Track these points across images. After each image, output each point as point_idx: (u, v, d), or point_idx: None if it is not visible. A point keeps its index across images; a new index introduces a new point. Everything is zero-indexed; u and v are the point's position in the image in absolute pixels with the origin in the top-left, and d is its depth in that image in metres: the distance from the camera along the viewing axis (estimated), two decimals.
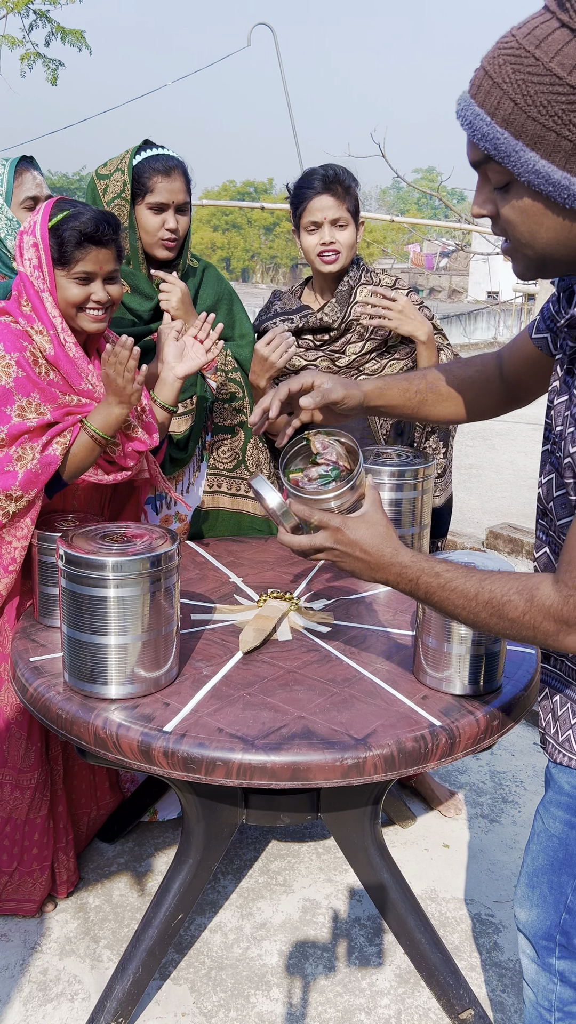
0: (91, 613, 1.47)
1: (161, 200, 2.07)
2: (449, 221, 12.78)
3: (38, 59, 10.67)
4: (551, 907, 1.27)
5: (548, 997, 1.32)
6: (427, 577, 1.19)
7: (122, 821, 2.30)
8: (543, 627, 1.07)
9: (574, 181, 0.94)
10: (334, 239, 2.15)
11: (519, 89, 0.93)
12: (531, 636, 1.09)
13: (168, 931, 1.70)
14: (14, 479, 1.69)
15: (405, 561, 1.22)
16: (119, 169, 2.08)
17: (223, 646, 1.71)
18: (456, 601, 1.15)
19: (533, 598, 1.08)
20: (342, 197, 2.13)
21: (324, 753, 1.36)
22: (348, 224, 2.15)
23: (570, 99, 0.91)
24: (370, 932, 2.03)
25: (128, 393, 1.75)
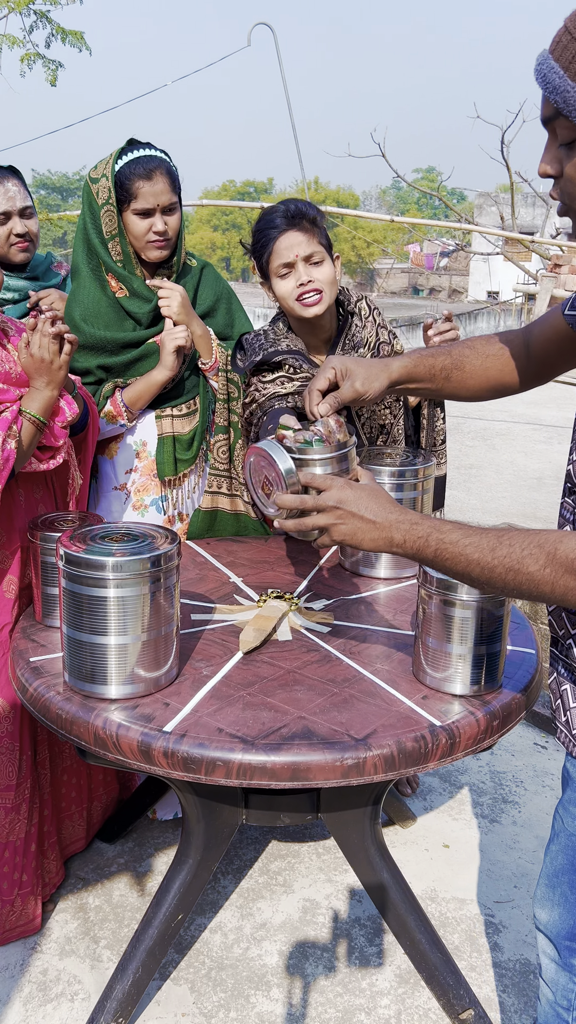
0: (91, 613, 1.47)
1: (146, 206, 2.04)
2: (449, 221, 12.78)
3: (38, 59, 10.67)
4: (572, 907, 1.25)
5: (568, 996, 1.30)
6: (438, 534, 1.16)
7: (122, 821, 2.30)
8: (562, 582, 1.05)
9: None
10: (312, 277, 1.92)
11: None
12: (549, 593, 1.07)
13: (168, 931, 1.70)
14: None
15: (414, 519, 1.20)
16: (104, 175, 2.05)
17: (223, 646, 1.71)
18: (471, 557, 1.12)
19: (555, 553, 1.05)
20: (310, 231, 1.92)
21: (324, 753, 1.36)
22: (324, 259, 1.94)
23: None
24: (370, 932, 2.03)
25: (56, 367, 1.76)
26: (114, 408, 2.15)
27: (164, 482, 2.22)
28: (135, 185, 2.02)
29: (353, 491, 1.25)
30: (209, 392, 2.27)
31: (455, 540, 1.14)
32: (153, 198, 2.03)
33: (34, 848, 1.96)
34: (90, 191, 2.09)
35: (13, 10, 9.74)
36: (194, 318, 2.15)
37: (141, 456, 2.21)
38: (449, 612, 1.50)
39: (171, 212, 2.09)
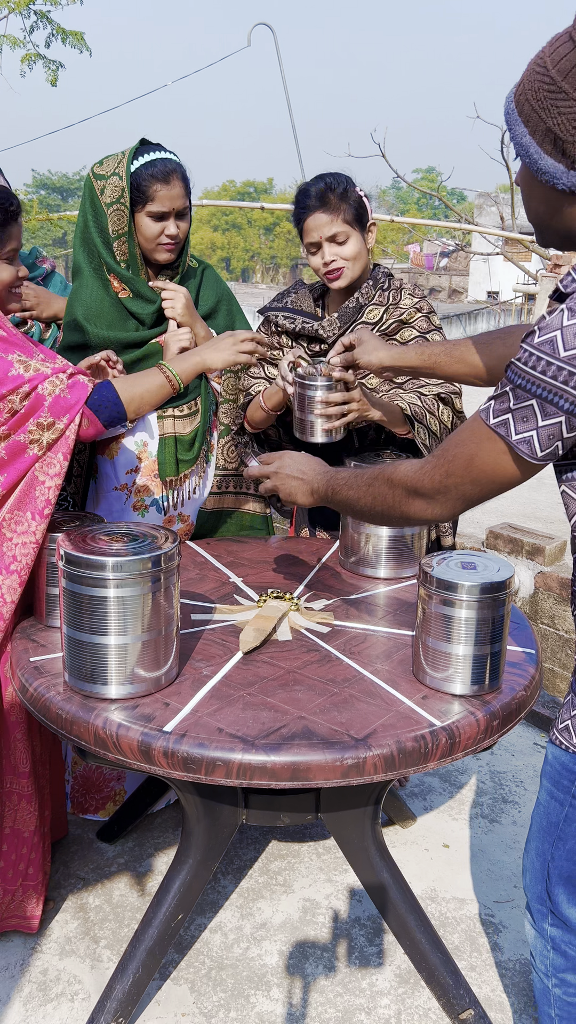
0: (91, 613, 1.47)
1: (162, 209, 2.04)
2: (449, 221, 12.78)
3: (39, 60, 10.67)
4: (539, 872, 1.35)
5: (544, 962, 1.41)
6: (335, 482, 1.53)
7: (122, 821, 2.30)
8: (396, 495, 1.36)
9: (543, 156, 1.15)
10: (335, 256, 2.06)
11: (528, 76, 1.16)
12: (394, 508, 1.38)
13: (168, 931, 1.70)
14: (43, 409, 1.69)
15: (328, 473, 1.57)
16: (116, 173, 2.03)
17: (223, 646, 1.71)
18: (351, 495, 1.47)
19: (393, 478, 1.37)
20: (337, 209, 2.03)
21: (324, 753, 1.36)
22: (349, 237, 2.05)
23: (549, 87, 1.12)
24: (370, 932, 2.03)
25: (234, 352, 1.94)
26: None
27: (165, 482, 2.22)
28: (153, 188, 2.01)
29: (291, 459, 1.66)
30: (210, 393, 2.26)
31: (343, 484, 1.51)
32: (169, 202, 2.04)
33: (39, 841, 1.94)
34: (93, 187, 2.06)
35: (13, 10, 9.74)
36: (197, 320, 2.15)
37: (142, 457, 2.20)
38: (449, 612, 1.50)
39: (183, 216, 2.09)
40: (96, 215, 2.07)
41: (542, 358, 1.10)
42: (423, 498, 1.32)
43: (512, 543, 3.23)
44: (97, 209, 2.06)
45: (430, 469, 1.29)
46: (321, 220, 2.03)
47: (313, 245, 2.07)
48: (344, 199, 2.03)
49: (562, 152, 1.13)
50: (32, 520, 1.73)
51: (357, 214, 2.06)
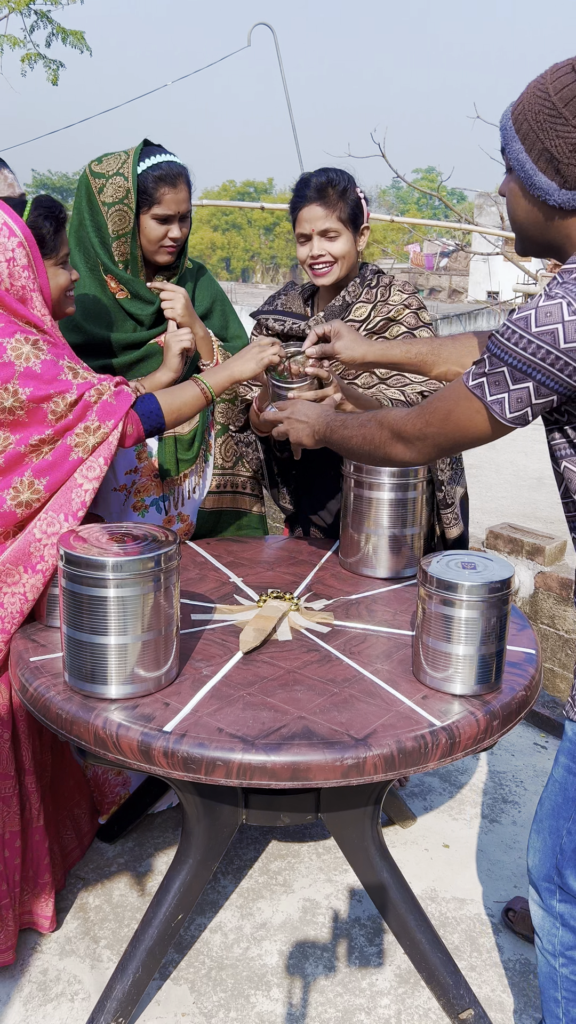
0: (91, 613, 1.47)
1: (168, 212, 2.03)
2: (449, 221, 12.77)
3: (39, 60, 10.68)
4: (550, 850, 1.43)
5: (552, 941, 1.45)
6: (334, 423, 1.68)
7: (122, 821, 2.30)
8: (383, 436, 1.52)
9: (538, 173, 1.27)
10: (323, 251, 2.06)
11: (528, 100, 1.28)
12: (379, 448, 1.54)
13: (168, 931, 1.70)
14: (91, 414, 1.72)
15: (330, 416, 1.71)
16: (120, 173, 2.01)
17: (223, 646, 1.71)
18: (346, 434, 1.62)
19: (384, 421, 1.52)
20: (333, 205, 2.03)
21: (324, 753, 1.36)
22: (340, 234, 2.05)
23: (549, 112, 1.24)
24: (370, 932, 2.03)
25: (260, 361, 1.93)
26: None
27: (165, 483, 2.22)
28: (160, 191, 2.01)
29: (301, 405, 1.81)
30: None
31: (339, 425, 1.66)
32: (175, 206, 2.04)
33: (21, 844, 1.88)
34: (91, 185, 2.03)
35: (14, 10, 9.74)
36: (196, 320, 2.15)
37: (142, 457, 2.20)
38: (449, 612, 1.50)
39: (185, 219, 2.10)
40: (93, 214, 2.05)
41: (516, 331, 1.24)
42: (404, 442, 1.49)
43: (512, 543, 3.22)
44: (94, 208, 2.04)
45: (414, 418, 1.46)
46: (316, 213, 2.04)
47: (304, 236, 2.08)
48: (343, 197, 2.04)
49: (556, 171, 1.26)
50: (64, 522, 1.74)
51: (353, 214, 2.07)
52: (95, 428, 1.73)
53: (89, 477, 1.75)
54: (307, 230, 2.06)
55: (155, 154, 2.04)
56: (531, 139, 1.27)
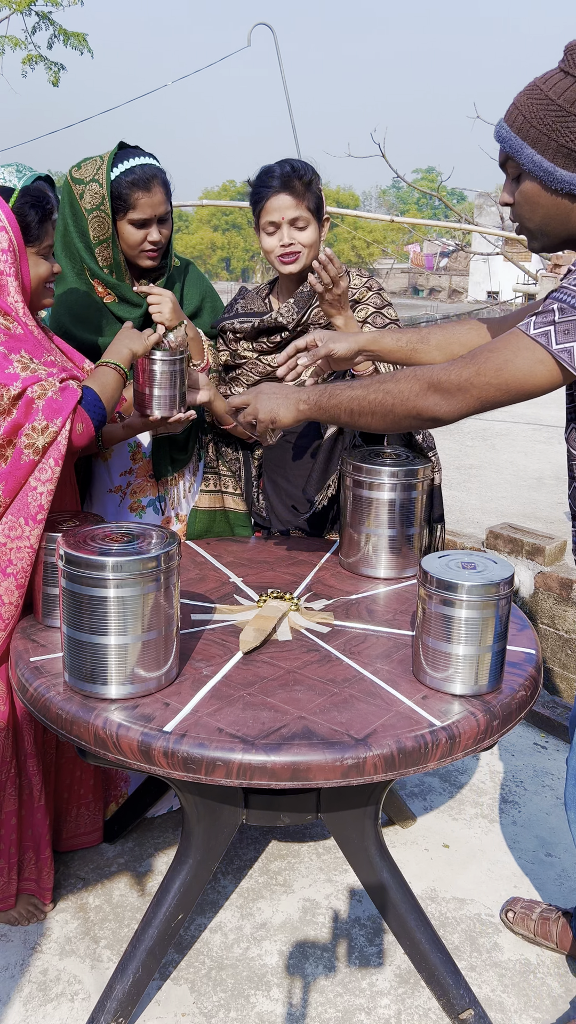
0: (91, 613, 1.47)
1: (143, 216, 2.01)
2: (449, 221, 12.77)
3: (40, 61, 10.68)
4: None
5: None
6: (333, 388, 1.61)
7: (122, 821, 2.30)
8: (414, 389, 1.48)
9: (558, 169, 1.39)
10: (293, 240, 2.07)
11: (527, 107, 1.40)
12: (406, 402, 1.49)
13: (168, 931, 1.70)
14: (36, 413, 1.71)
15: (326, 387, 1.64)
16: (95, 179, 2.00)
17: (223, 646, 1.71)
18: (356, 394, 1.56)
19: (420, 369, 1.49)
20: (301, 195, 2.04)
21: (324, 753, 1.36)
22: (308, 223, 2.07)
23: (557, 114, 1.37)
24: (370, 932, 2.03)
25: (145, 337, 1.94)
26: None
27: (160, 483, 2.22)
28: (134, 196, 1.99)
29: (267, 386, 1.75)
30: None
31: (345, 386, 1.59)
32: (151, 209, 2.02)
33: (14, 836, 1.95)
34: (72, 192, 2.03)
35: (15, 11, 9.75)
36: (183, 318, 2.14)
37: (136, 457, 2.20)
38: (449, 612, 1.50)
39: (165, 221, 2.07)
40: (76, 220, 2.04)
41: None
42: (441, 394, 1.45)
43: (512, 543, 3.22)
44: (77, 214, 2.03)
45: (459, 368, 1.42)
46: (285, 202, 2.04)
47: (272, 224, 2.07)
48: (308, 188, 2.05)
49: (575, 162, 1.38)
50: (25, 526, 1.74)
51: (317, 205, 2.08)
52: (43, 428, 1.71)
53: (42, 479, 1.74)
54: (276, 219, 2.05)
55: (129, 158, 2.01)
56: (543, 141, 1.39)
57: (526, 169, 1.42)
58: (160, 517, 2.25)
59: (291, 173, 2.04)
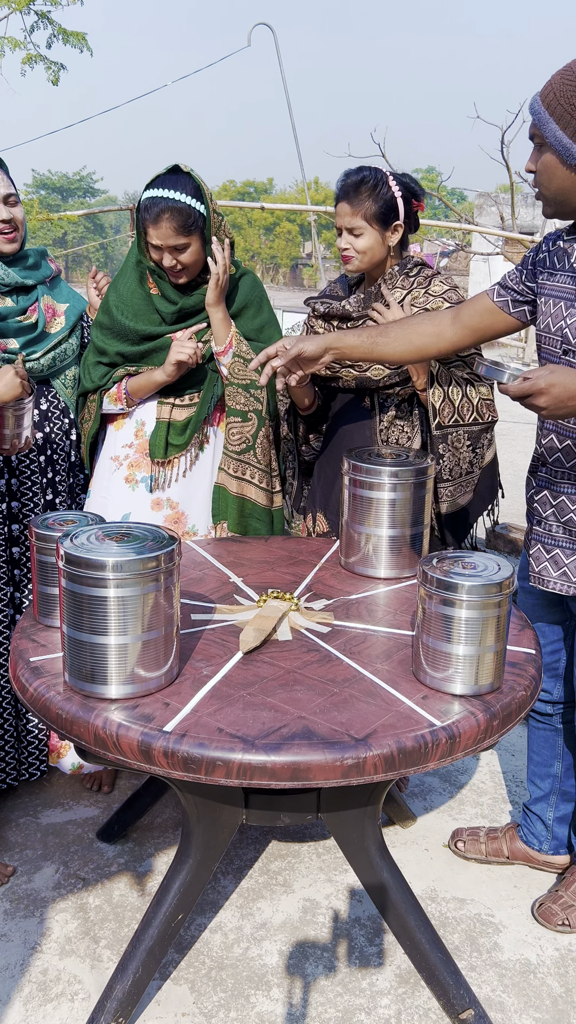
0: (91, 613, 1.47)
1: (154, 243, 2.16)
2: (449, 221, 12.77)
3: (40, 61, 10.68)
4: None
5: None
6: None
7: (122, 821, 2.30)
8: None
9: (575, 146, 1.55)
10: (348, 245, 2.22)
11: (559, 86, 1.57)
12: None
13: (168, 931, 1.70)
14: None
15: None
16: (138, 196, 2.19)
17: (223, 646, 1.71)
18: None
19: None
20: (359, 205, 2.17)
21: (324, 753, 1.36)
22: (364, 232, 2.19)
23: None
24: (370, 932, 2.03)
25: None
26: (116, 392, 2.32)
27: (155, 463, 2.32)
28: (145, 223, 2.15)
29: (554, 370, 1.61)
30: (217, 386, 2.33)
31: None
32: (159, 240, 2.15)
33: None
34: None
35: (14, 10, 9.74)
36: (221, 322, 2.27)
37: (139, 435, 2.34)
38: (449, 612, 1.50)
39: (182, 250, 2.18)
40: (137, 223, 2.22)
41: None
42: None
43: (512, 543, 3.22)
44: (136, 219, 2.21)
45: None
46: (344, 210, 2.19)
47: (337, 228, 2.26)
48: (372, 197, 2.16)
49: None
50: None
51: (381, 212, 2.18)
52: None
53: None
54: (338, 223, 2.23)
55: (156, 186, 2.16)
56: (566, 118, 1.55)
57: (548, 142, 1.58)
58: (152, 497, 2.33)
59: (354, 184, 2.18)
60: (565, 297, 1.71)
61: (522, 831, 2.26)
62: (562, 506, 1.81)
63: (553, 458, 1.80)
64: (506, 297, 1.89)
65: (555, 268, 1.77)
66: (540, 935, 2.05)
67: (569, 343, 1.70)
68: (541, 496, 1.87)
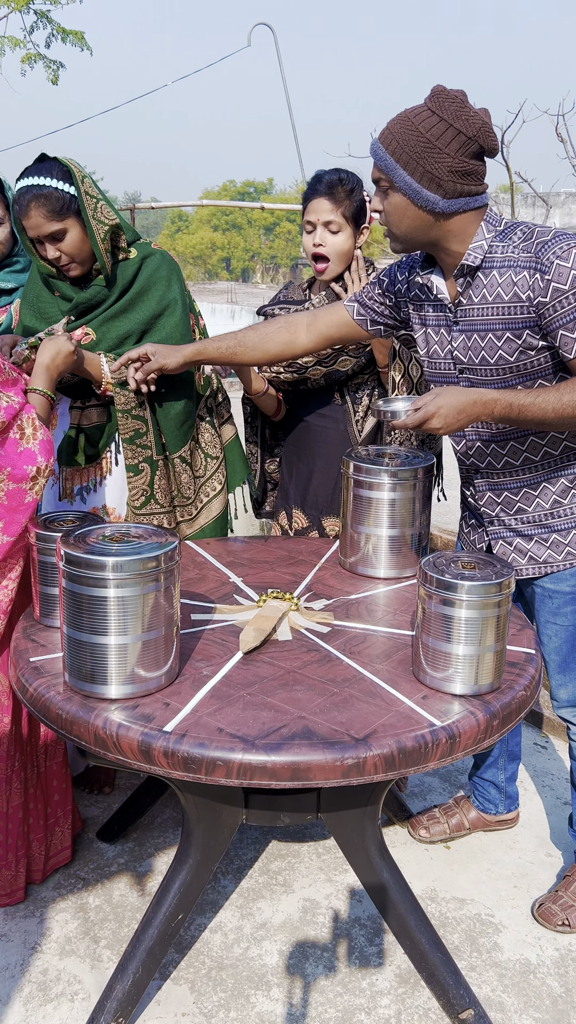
0: (91, 613, 1.47)
1: (30, 236, 2.05)
2: None
3: (39, 60, 10.68)
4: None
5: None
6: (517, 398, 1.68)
7: (122, 821, 2.30)
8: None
9: (423, 190, 1.65)
10: (323, 241, 2.24)
11: (400, 135, 1.64)
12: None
13: (168, 931, 1.70)
14: (34, 456, 1.77)
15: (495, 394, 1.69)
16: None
17: (223, 646, 1.71)
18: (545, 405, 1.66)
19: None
20: (340, 202, 2.21)
21: (324, 753, 1.36)
22: (341, 229, 2.23)
23: (425, 145, 1.62)
24: (370, 932, 2.03)
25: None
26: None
27: (81, 472, 2.22)
28: (17, 215, 2.03)
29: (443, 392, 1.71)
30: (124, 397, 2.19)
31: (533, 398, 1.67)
32: (32, 231, 2.03)
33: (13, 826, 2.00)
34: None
35: (13, 9, 9.74)
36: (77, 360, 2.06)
37: (60, 447, 2.22)
38: (449, 612, 1.50)
39: (58, 238, 2.04)
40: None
41: None
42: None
43: None
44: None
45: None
46: (323, 206, 2.22)
47: (310, 224, 2.27)
48: (349, 196, 2.23)
49: (439, 186, 1.64)
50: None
51: (356, 213, 2.25)
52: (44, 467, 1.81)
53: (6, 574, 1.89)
54: (313, 219, 2.25)
55: (28, 176, 2.02)
56: (412, 165, 1.64)
57: (397, 185, 1.66)
58: (87, 508, 2.23)
59: (336, 181, 2.22)
60: (443, 324, 1.84)
61: (476, 800, 2.37)
62: (507, 501, 1.92)
63: (485, 463, 1.91)
64: (366, 316, 2.02)
65: (421, 300, 1.89)
66: (540, 935, 2.05)
67: (462, 362, 1.82)
68: (486, 498, 1.96)
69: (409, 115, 1.65)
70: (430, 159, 1.62)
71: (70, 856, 2.20)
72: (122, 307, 2.16)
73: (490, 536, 1.98)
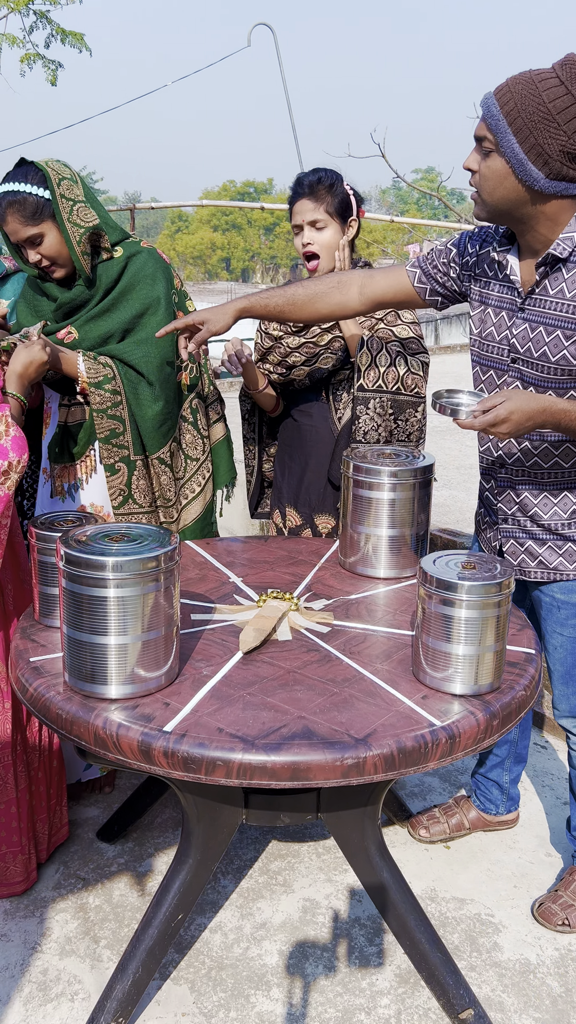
0: (91, 613, 1.47)
1: (12, 241, 2.09)
2: (449, 221, 12.75)
3: (38, 60, 10.69)
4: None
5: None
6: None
7: (122, 821, 2.30)
8: None
9: (529, 163, 1.54)
10: (312, 240, 2.28)
11: (520, 97, 1.52)
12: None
13: (168, 931, 1.70)
14: (6, 451, 1.76)
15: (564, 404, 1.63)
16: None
17: (223, 646, 1.71)
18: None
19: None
20: (322, 199, 2.25)
21: (324, 753, 1.36)
22: (327, 225, 2.27)
23: (544, 116, 1.50)
24: (370, 932, 2.03)
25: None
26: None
27: (70, 469, 2.23)
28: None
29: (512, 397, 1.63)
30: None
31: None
32: (12, 235, 2.07)
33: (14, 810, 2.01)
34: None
35: (13, 10, 9.74)
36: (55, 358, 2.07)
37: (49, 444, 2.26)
38: (449, 612, 1.50)
39: (38, 243, 2.07)
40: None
41: None
42: None
43: None
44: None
45: None
46: (306, 206, 2.27)
47: (296, 227, 2.32)
48: (330, 192, 2.26)
49: (545, 163, 1.54)
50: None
51: (340, 207, 2.28)
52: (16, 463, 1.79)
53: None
54: (299, 221, 2.29)
55: (7, 181, 2.04)
56: (524, 134, 1.52)
57: (503, 149, 1.56)
58: (76, 505, 2.24)
59: (314, 180, 2.26)
60: (506, 308, 1.76)
61: (478, 800, 2.36)
62: (525, 503, 1.88)
63: (513, 459, 1.86)
64: (426, 285, 1.94)
65: (489, 277, 1.81)
66: (540, 935, 2.05)
67: (517, 352, 1.75)
68: (504, 495, 1.92)
69: (535, 78, 1.52)
70: (544, 132, 1.50)
71: (67, 833, 2.24)
72: (105, 307, 2.18)
73: (502, 534, 1.95)
